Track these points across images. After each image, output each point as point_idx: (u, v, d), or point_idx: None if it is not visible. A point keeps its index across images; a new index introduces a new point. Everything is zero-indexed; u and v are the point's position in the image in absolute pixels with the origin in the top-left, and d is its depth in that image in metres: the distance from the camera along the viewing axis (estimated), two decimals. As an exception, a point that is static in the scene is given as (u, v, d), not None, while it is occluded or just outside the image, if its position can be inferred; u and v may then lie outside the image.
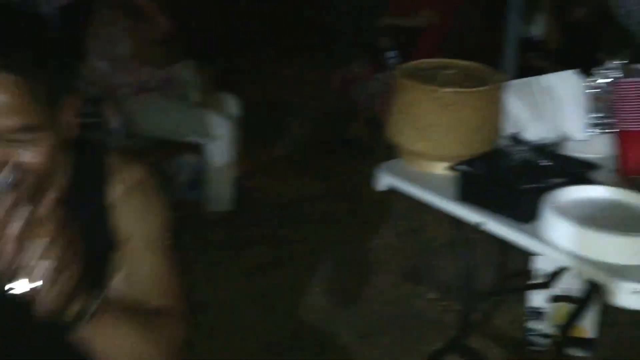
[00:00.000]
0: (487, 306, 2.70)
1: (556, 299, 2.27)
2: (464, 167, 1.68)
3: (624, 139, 1.84)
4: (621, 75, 1.97)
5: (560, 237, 1.48)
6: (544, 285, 2.22)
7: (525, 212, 1.58)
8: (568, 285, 2.22)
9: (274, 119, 4.66)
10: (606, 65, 2.02)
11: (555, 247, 1.49)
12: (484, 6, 4.47)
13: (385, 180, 1.91)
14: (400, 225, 3.35)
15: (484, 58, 3.45)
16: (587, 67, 2.09)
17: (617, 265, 1.40)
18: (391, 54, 4.05)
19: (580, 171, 1.72)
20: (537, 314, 2.40)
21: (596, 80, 2.01)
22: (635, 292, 1.36)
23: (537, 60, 3.87)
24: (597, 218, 1.51)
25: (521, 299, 2.50)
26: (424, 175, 1.86)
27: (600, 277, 1.41)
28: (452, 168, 1.70)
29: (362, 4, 4.70)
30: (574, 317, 1.79)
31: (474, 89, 1.83)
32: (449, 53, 4.28)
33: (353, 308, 2.80)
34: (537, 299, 2.38)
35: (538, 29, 3.96)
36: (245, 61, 5.66)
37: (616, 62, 2.01)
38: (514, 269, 2.66)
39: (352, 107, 4.24)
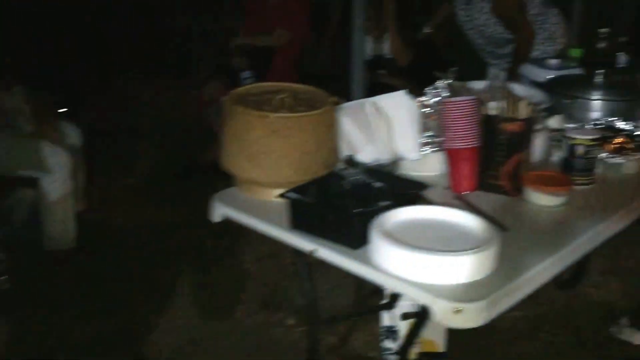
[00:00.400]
0: (344, 328, 2.70)
1: (405, 316, 2.28)
2: (292, 195, 1.65)
3: (452, 157, 1.88)
4: (448, 94, 2.02)
5: (387, 262, 1.47)
6: (389, 305, 2.23)
7: (355, 238, 1.56)
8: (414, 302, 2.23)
9: (126, 145, 4.49)
10: (436, 84, 2.06)
11: (384, 272, 1.48)
12: (335, 24, 4.52)
13: (219, 210, 1.85)
14: (259, 251, 3.29)
15: (336, 75, 3.49)
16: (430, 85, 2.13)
17: (439, 285, 1.41)
18: (246, 74, 4.02)
19: (411, 192, 1.73)
20: (391, 332, 2.40)
21: (428, 100, 2.05)
22: (457, 311, 1.37)
23: (387, 78, 3.95)
24: (423, 239, 1.51)
25: (377, 319, 2.51)
26: (258, 204, 1.81)
27: (425, 299, 1.41)
28: (281, 196, 1.66)
29: (215, 24, 4.64)
30: (411, 336, 1.79)
31: (305, 113, 1.80)
32: (303, 71, 4.35)
33: (210, 341, 2.71)
34: (390, 317, 2.38)
35: (388, 47, 4.05)
36: (94, 87, 5.42)
37: (444, 81, 2.06)
38: (370, 288, 2.68)
39: (208, 130, 4.15)
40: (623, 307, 2.89)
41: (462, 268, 1.41)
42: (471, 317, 1.38)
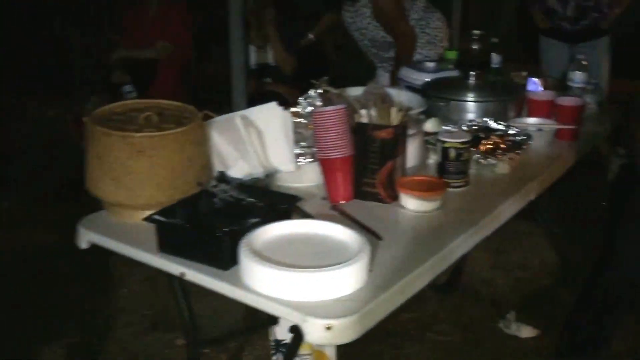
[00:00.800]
0: (236, 344, 2.65)
1: (292, 329, 2.25)
2: (158, 217, 1.58)
3: (326, 167, 1.86)
4: (321, 103, 2.00)
5: (256, 281, 1.42)
6: (274, 320, 2.19)
7: (225, 258, 1.51)
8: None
9: (2, 166, 4.25)
10: (308, 94, 2.05)
11: (254, 293, 1.43)
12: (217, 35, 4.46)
13: (85, 236, 1.75)
14: (148, 269, 3.16)
15: (223, 86, 3.42)
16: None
17: (309, 303, 1.38)
18: (127, 88, 3.90)
19: (282, 206, 1.70)
20: (280, 346, 2.36)
21: (301, 109, 2.03)
22: (328, 328, 1.34)
23: (274, 86, 3.92)
24: (295, 255, 1.48)
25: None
26: (127, 227, 1.73)
27: (295, 318, 1.38)
28: (147, 219, 1.59)
29: (95, 37, 4.49)
30: (292, 350, 1.75)
31: (171, 131, 1.73)
32: (188, 83, 4.26)
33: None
34: (278, 331, 2.34)
35: (272, 55, 4.02)
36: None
37: (317, 90, 2.04)
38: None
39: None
40: (510, 302, 2.97)
41: (330, 283, 1.39)
42: (342, 333, 1.36)
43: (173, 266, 1.57)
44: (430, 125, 2.26)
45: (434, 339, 2.73)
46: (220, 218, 1.62)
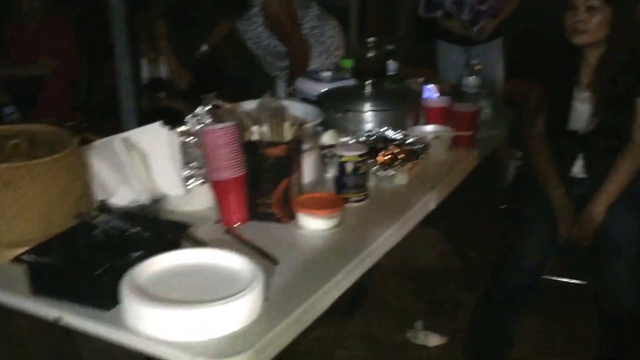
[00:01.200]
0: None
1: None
2: (28, 257, 1.43)
3: (217, 189, 1.76)
4: (210, 120, 1.90)
5: (139, 322, 1.30)
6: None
7: (105, 298, 1.38)
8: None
9: None
10: (196, 111, 1.93)
11: (137, 334, 1.31)
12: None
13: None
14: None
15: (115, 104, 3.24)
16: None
17: (198, 342, 1.27)
18: (9, 109, 3.64)
19: (171, 235, 1.58)
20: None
21: (189, 128, 1.91)
22: (223, 367, 1.24)
23: (168, 101, 3.77)
24: (183, 289, 1.37)
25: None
26: (-4, 268, 1.57)
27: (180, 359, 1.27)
28: (15, 259, 1.44)
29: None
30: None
31: (42, 160, 1.57)
32: (80, 101, 4.04)
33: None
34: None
35: (165, 69, 3.87)
36: None
37: (206, 106, 1.93)
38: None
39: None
40: (417, 310, 2.95)
41: (220, 319, 1.28)
42: (237, 372, 1.26)
43: (48, 310, 1.42)
44: (327, 138, 2.20)
45: (343, 356, 2.67)
46: (100, 253, 1.48)
